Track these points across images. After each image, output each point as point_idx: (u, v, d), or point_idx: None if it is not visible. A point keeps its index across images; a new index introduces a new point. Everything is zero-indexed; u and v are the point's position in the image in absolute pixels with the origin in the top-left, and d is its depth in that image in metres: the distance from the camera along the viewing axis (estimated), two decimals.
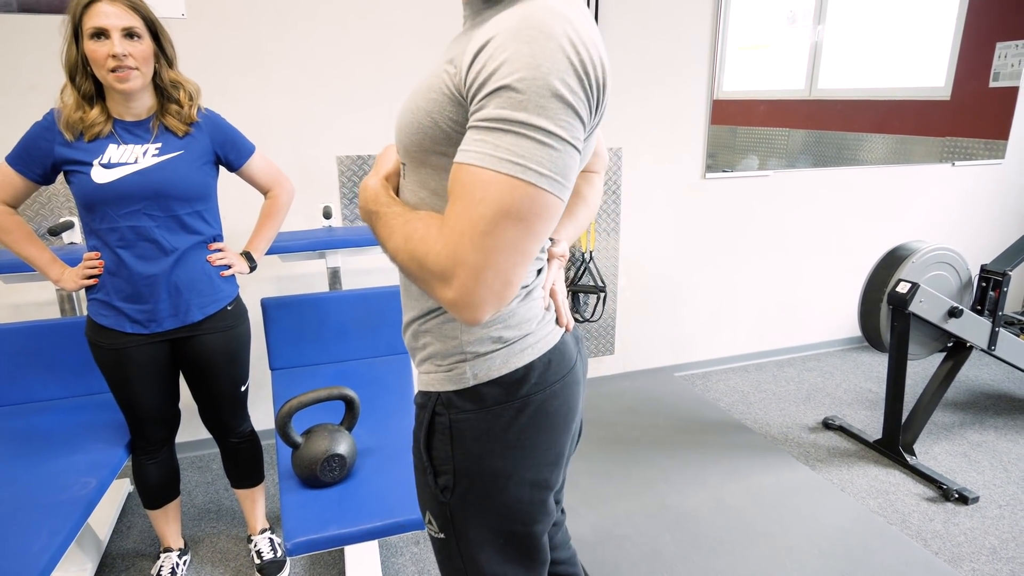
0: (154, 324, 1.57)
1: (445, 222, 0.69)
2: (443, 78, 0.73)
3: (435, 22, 2.46)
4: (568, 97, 0.66)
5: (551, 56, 0.65)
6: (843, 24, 3.10)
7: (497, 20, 0.69)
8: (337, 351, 2.26)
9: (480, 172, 0.66)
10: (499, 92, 0.65)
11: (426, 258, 0.70)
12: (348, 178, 2.51)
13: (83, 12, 1.37)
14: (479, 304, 0.68)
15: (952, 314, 2.42)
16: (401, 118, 0.81)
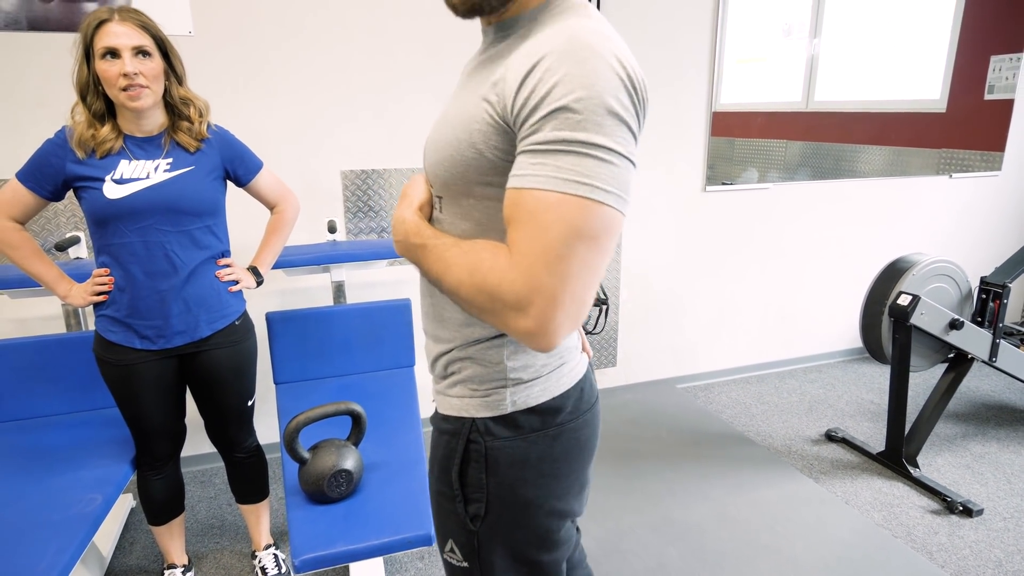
0: (163, 340, 1.58)
1: (515, 250, 0.67)
2: (484, 107, 0.73)
3: (441, 40, 2.48)
4: (622, 114, 0.66)
5: (603, 75, 0.65)
6: (839, 37, 3.13)
7: (536, 43, 0.69)
8: (341, 365, 2.26)
9: (545, 195, 0.65)
10: (555, 114, 0.65)
11: (499, 289, 0.68)
12: (352, 192, 2.52)
13: (94, 33, 1.39)
14: (556, 330, 0.67)
15: (953, 326, 2.43)
16: (438, 152, 0.79)
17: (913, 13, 3.28)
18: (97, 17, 1.40)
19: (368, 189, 2.54)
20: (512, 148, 0.72)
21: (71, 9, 2.08)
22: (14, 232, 1.53)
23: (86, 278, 1.81)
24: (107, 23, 1.39)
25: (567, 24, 0.70)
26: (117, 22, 1.40)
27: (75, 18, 2.09)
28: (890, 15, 3.24)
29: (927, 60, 3.40)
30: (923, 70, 3.41)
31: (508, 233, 0.69)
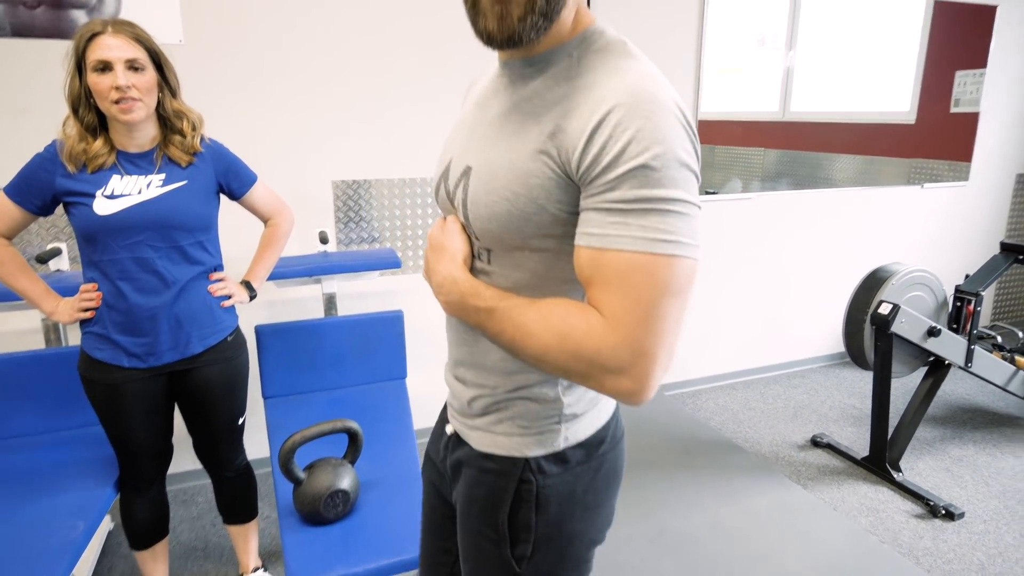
0: (152, 358, 1.53)
1: (609, 314, 0.66)
2: (543, 160, 0.71)
3: (433, 50, 2.47)
4: (691, 163, 0.67)
5: (672, 128, 0.65)
6: (813, 50, 3.21)
7: (594, 91, 0.68)
8: (332, 378, 2.22)
9: (634, 257, 0.64)
10: (633, 172, 0.64)
11: (599, 356, 0.66)
12: (344, 203, 2.49)
13: (87, 45, 1.35)
14: (654, 385, 0.67)
15: (931, 333, 2.50)
16: (490, 206, 0.75)
17: (883, 28, 3.38)
18: (90, 30, 1.36)
19: (359, 199, 2.51)
20: (574, 201, 0.71)
21: (57, 16, 2.02)
22: (3, 247, 1.47)
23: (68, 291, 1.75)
24: (100, 35, 1.35)
25: (621, 68, 0.70)
26: (110, 34, 1.35)
27: (61, 25, 2.02)
28: (861, 29, 3.33)
29: (897, 73, 3.51)
30: (893, 83, 3.52)
31: (594, 294, 0.68)
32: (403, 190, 2.57)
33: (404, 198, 2.58)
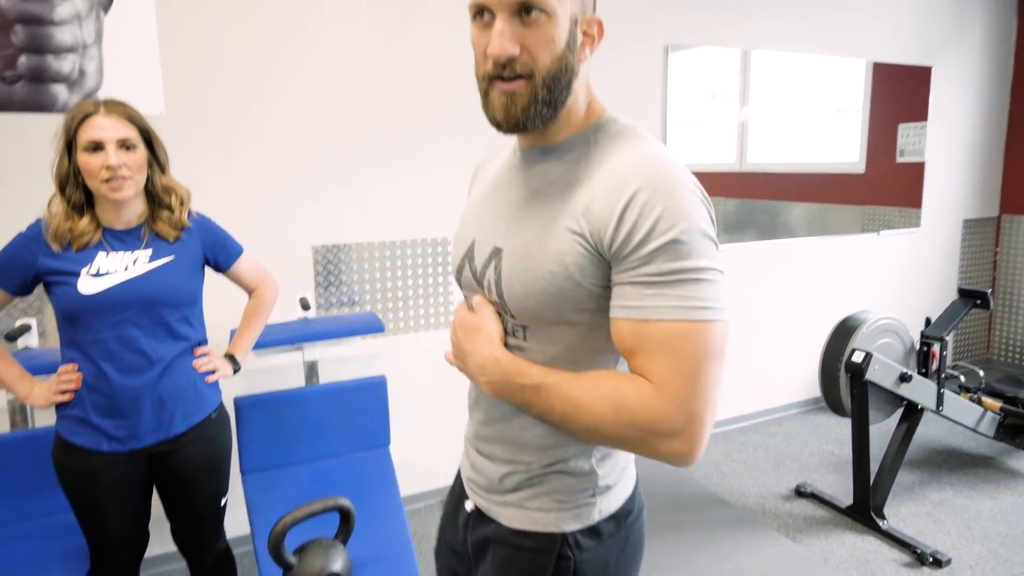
0: (134, 440, 1.46)
1: (659, 381, 0.70)
2: (575, 240, 0.75)
3: (411, 117, 2.52)
4: (711, 233, 0.73)
5: (693, 203, 0.72)
6: (765, 105, 3.38)
7: (617, 173, 0.74)
8: (314, 449, 2.16)
9: (675, 325, 0.69)
10: (665, 247, 0.70)
11: (653, 423, 0.70)
12: (324, 267, 2.46)
13: (79, 126, 1.34)
14: (703, 445, 0.71)
15: (903, 379, 2.57)
16: (527, 285, 0.79)
17: (828, 84, 3.60)
18: (82, 111, 1.35)
19: (339, 263, 2.49)
20: (606, 277, 0.76)
21: (37, 90, 2.00)
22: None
23: (38, 370, 1.68)
24: (92, 116, 1.35)
25: (637, 151, 0.76)
26: (103, 115, 1.35)
27: (41, 99, 2.00)
28: (809, 86, 3.53)
29: (845, 126, 3.73)
30: (842, 135, 3.74)
31: (639, 363, 0.72)
32: (383, 252, 2.57)
33: (384, 260, 2.58)
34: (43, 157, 1.99)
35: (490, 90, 0.78)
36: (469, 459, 0.96)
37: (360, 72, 2.42)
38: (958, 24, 3.90)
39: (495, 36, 0.74)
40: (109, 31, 2.09)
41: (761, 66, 3.32)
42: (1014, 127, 4.21)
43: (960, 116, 4.03)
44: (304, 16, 2.32)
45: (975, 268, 4.30)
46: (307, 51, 2.33)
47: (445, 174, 2.62)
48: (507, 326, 0.84)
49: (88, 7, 2.06)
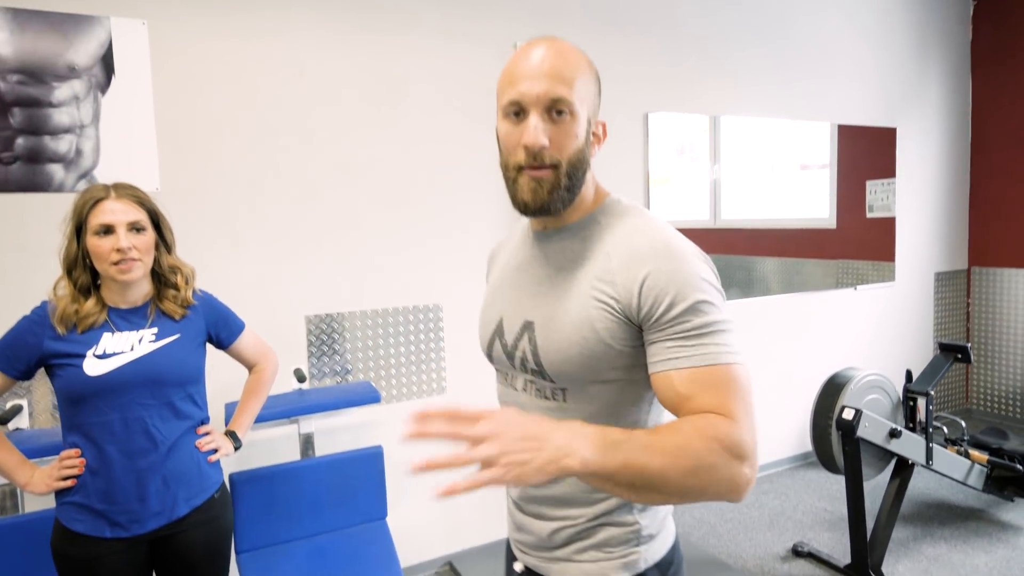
0: (136, 525, 1.43)
1: (728, 412, 0.78)
2: (602, 308, 0.87)
3: (402, 191, 2.58)
4: (719, 286, 0.87)
5: (700, 268, 0.85)
6: (736, 163, 3.52)
7: (631, 249, 0.87)
8: (310, 524, 2.11)
9: (723, 369, 0.80)
10: (692, 308, 0.82)
11: (742, 446, 0.76)
12: (317, 336, 2.47)
13: (90, 210, 1.36)
14: None
15: (893, 435, 2.61)
16: (563, 351, 0.88)
17: (797, 142, 3.76)
18: (93, 196, 1.38)
19: (332, 332, 2.50)
20: (633, 337, 0.87)
21: (32, 170, 2.02)
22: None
23: (32, 453, 1.65)
24: (103, 201, 1.37)
25: (642, 228, 0.89)
26: (114, 199, 1.38)
27: (37, 179, 2.03)
28: (777, 144, 3.68)
29: (815, 183, 3.88)
30: (812, 192, 3.88)
31: (699, 404, 0.79)
32: (375, 320, 2.59)
33: (377, 328, 2.59)
34: (38, 237, 2.02)
35: (519, 177, 0.89)
36: (515, 521, 1.02)
37: (352, 147, 2.49)
38: (918, 87, 4.14)
39: (531, 129, 0.85)
40: (106, 111, 2.13)
41: (730, 126, 3.47)
42: (976, 182, 4.42)
43: (926, 173, 4.22)
44: (297, 95, 2.39)
45: (949, 320, 4.43)
46: (299, 126, 2.40)
47: (437, 243, 2.68)
48: (546, 391, 0.93)
49: (86, 89, 2.11)
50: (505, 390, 1.02)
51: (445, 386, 2.73)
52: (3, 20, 1.98)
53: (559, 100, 0.85)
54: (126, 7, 2.13)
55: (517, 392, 0.98)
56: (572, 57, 0.88)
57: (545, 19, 2.84)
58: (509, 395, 1.00)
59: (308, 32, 2.40)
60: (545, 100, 0.85)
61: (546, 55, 0.87)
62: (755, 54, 3.47)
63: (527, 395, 0.96)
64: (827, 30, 3.71)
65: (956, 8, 4.28)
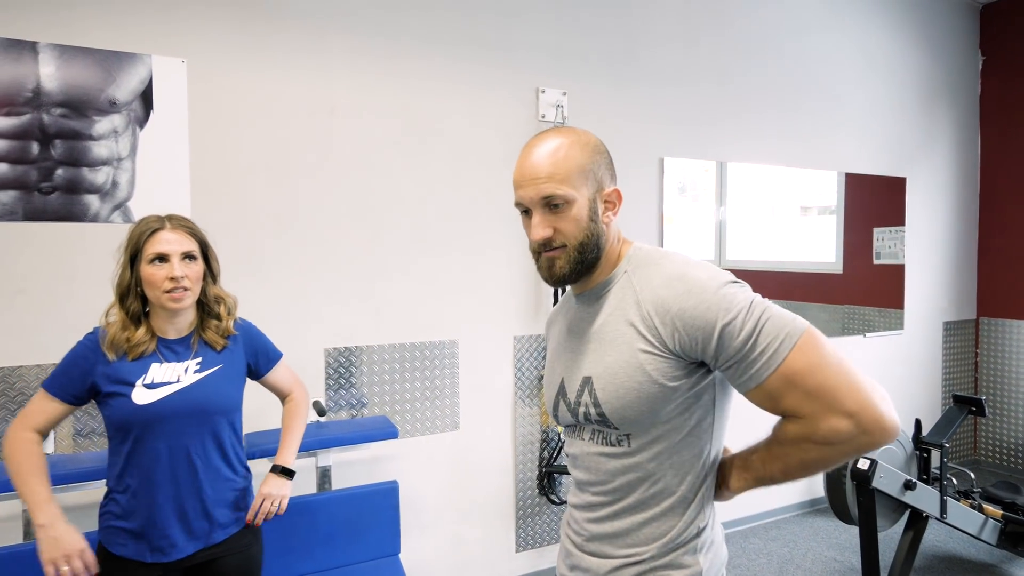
0: (175, 551, 1.46)
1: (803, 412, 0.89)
2: (650, 352, 0.96)
3: (424, 227, 2.64)
4: (731, 277, 0.97)
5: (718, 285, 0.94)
6: (741, 205, 3.57)
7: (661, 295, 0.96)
8: (323, 559, 2.11)
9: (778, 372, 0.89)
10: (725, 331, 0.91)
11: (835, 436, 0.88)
12: (335, 369, 2.50)
13: (146, 240, 1.42)
14: (884, 416, 0.87)
15: (907, 487, 2.60)
16: (621, 398, 0.97)
17: (803, 187, 3.82)
18: (150, 226, 1.44)
19: (351, 365, 2.53)
20: (679, 368, 0.96)
21: (70, 200, 2.08)
22: (31, 445, 1.43)
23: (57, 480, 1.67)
24: (159, 231, 1.43)
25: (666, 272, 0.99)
26: (169, 230, 1.44)
27: (74, 209, 2.08)
28: (783, 188, 3.74)
29: (821, 228, 3.93)
30: (819, 237, 3.93)
31: (782, 409, 0.92)
32: (392, 355, 2.61)
33: (394, 363, 2.62)
34: (72, 265, 2.07)
35: (539, 259, 1.04)
36: (570, 563, 1.10)
37: (376, 186, 2.55)
38: (928, 139, 4.22)
39: (534, 226, 1.02)
40: (143, 145, 2.20)
41: (736, 168, 3.52)
42: (985, 233, 4.47)
43: (935, 222, 4.28)
44: (326, 134, 2.47)
45: (958, 370, 4.43)
46: (326, 164, 2.47)
47: (455, 280, 2.72)
48: (611, 438, 1.02)
49: (125, 123, 2.18)
50: (575, 443, 1.10)
51: (459, 422, 2.75)
52: (51, 55, 2.06)
53: (551, 197, 0.99)
54: (167, 46, 2.22)
55: (585, 442, 1.06)
56: (564, 152, 1.00)
57: (567, 68, 2.93)
58: (578, 447, 1.08)
59: (340, 74, 2.48)
60: (538, 200, 1.00)
61: (538, 159, 1.00)
62: (768, 105, 3.55)
63: (595, 444, 1.04)
64: (840, 83, 3.81)
65: (965, 63, 4.39)
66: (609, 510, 1.03)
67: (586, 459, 1.06)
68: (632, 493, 1.01)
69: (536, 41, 2.86)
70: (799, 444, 0.92)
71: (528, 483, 2.89)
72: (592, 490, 1.05)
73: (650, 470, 1.00)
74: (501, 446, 2.85)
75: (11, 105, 2.01)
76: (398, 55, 2.58)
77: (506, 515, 2.86)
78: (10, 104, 2.01)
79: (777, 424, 0.97)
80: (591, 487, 1.06)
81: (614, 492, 1.02)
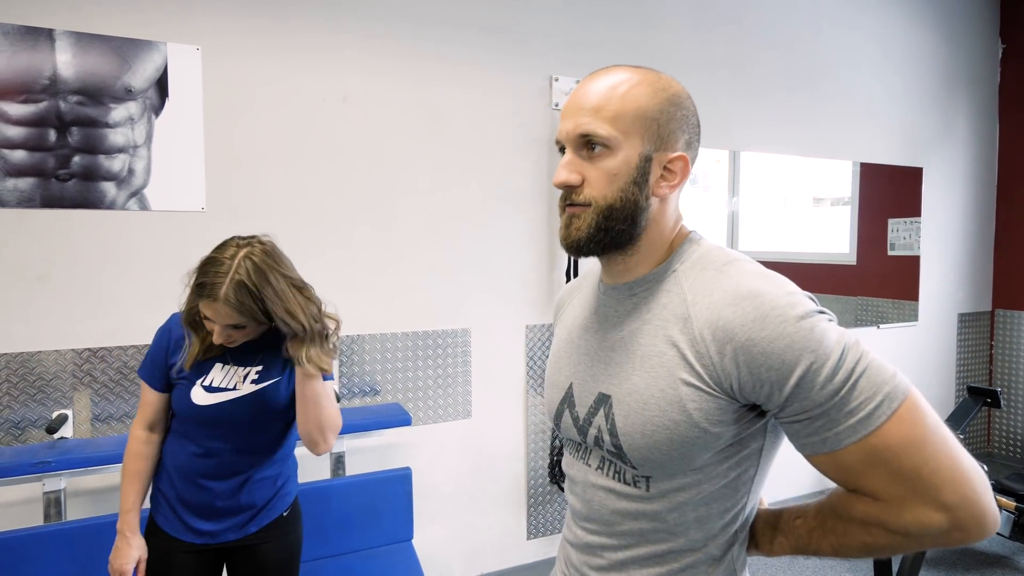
0: (208, 537, 1.49)
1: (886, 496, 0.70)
2: (695, 386, 0.75)
3: (438, 217, 2.64)
4: (822, 310, 0.74)
5: (797, 320, 0.71)
6: (754, 195, 3.55)
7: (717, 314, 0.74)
8: (337, 543, 2.14)
9: (864, 443, 0.69)
10: (804, 379, 0.69)
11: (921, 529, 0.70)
12: (348, 356, 2.51)
13: (199, 299, 1.36)
14: (987, 508, 0.69)
15: None
16: (650, 435, 0.77)
17: (817, 176, 3.79)
18: (207, 289, 1.34)
19: (363, 352, 2.54)
20: (730, 412, 0.75)
21: (87, 187, 2.10)
22: (136, 445, 1.49)
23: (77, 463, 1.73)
24: (212, 304, 1.34)
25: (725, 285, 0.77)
26: (222, 303, 1.33)
27: (90, 196, 2.10)
28: (797, 177, 3.71)
29: (835, 218, 3.90)
30: (833, 227, 3.89)
31: (859, 486, 0.72)
32: (405, 343, 2.63)
33: (407, 350, 2.63)
34: (90, 252, 2.09)
35: (562, 214, 0.83)
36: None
37: (390, 173, 2.56)
38: (946, 129, 4.17)
39: (560, 165, 0.81)
40: (159, 133, 2.21)
41: (749, 159, 3.50)
42: (1001, 224, 4.41)
43: (951, 213, 4.23)
44: (339, 121, 2.47)
45: (972, 362, 4.40)
46: (339, 151, 2.47)
47: (469, 269, 2.72)
48: (625, 475, 0.82)
49: (141, 111, 2.19)
50: (576, 465, 0.90)
51: (471, 410, 2.76)
52: (67, 43, 2.07)
53: (587, 135, 0.79)
54: (182, 33, 2.22)
55: (591, 470, 0.87)
56: (627, 88, 0.80)
57: (581, 56, 2.91)
58: (581, 472, 0.89)
59: (353, 61, 2.48)
60: (574, 136, 0.80)
61: (593, 87, 0.81)
62: (783, 94, 3.51)
63: (604, 476, 0.85)
64: (856, 73, 3.76)
65: (985, 51, 4.32)
66: (613, 557, 0.85)
67: (589, 491, 0.86)
68: (644, 544, 0.82)
69: (550, 29, 2.84)
70: (868, 528, 0.73)
71: (540, 471, 2.91)
72: (590, 528, 0.87)
73: (669, 522, 0.80)
74: (513, 434, 2.86)
75: (28, 92, 2.02)
76: (411, 42, 2.57)
77: (518, 502, 2.87)
78: (27, 91, 2.02)
79: (840, 495, 0.78)
80: (590, 524, 0.87)
81: (620, 537, 0.84)
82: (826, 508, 0.80)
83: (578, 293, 1.00)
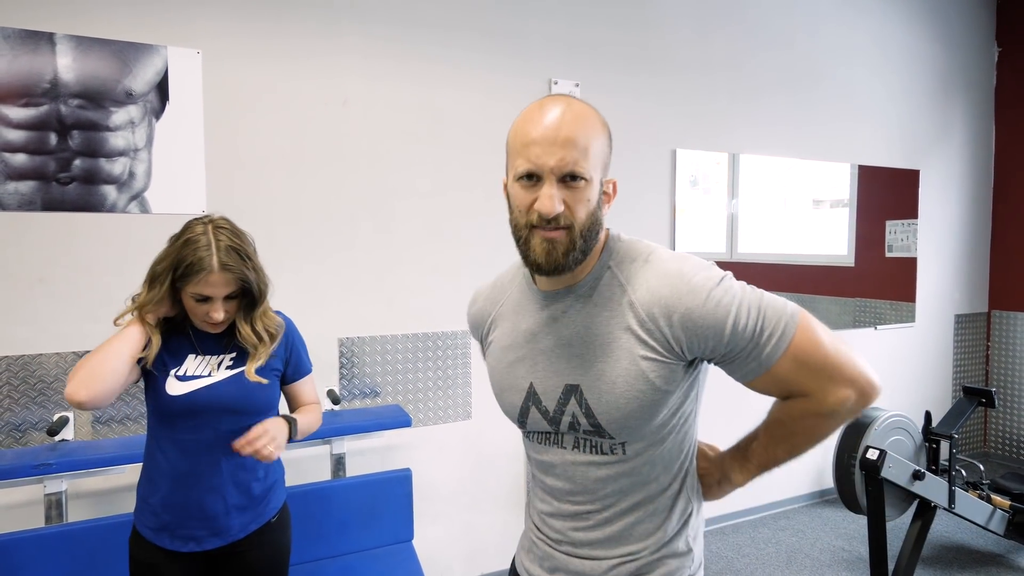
0: (194, 543, 1.46)
1: (810, 390, 0.92)
2: (651, 359, 0.91)
3: (438, 219, 2.65)
4: (720, 271, 0.93)
5: (714, 284, 0.90)
6: (753, 197, 3.56)
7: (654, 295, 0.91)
8: (337, 544, 2.15)
9: (786, 355, 0.90)
10: (738, 321, 0.89)
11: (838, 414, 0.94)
12: (348, 359, 2.52)
13: (193, 278, 1.36)
14: (873, 383, 0.93)
15: (916, 477, 2.61)
16: (624, 407, 0.92)
17: (816, 178, 3.80)
18: (201, 264, 1.35)
19: (364, 355, 2.55)
20: (681, 371, 0.93)
21: (88, 191, 2.10)
22: None
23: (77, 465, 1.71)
24: (209, 275, 1.35)
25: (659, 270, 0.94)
26: (218, 272, 1.35)
27: (91, 199, 2.11)
28: (795, 179, 3.72)
29: (833, 220, 3.91)
30: (830, 229, 3.91)
31: (791, 390, 0.93)
32: (406, 345, 2.64)
33: (407, 352, 2.64)
34: (90, 255, 2.10)
35: (531, 237, 0.91)
36: (550, 565, 1.04)
37: (390, 176, 2.57)
38: (942, 132, 4.19)
39: (545, 197, 0.88)
40: (159, 136, 2.22)
41: (748, 161, 3.51)
42: (998, 226, 4.44)
43: (947, 215, 4.26)
44: (339, 124, 2.48)
45: (969, 363, 4.42)
46: (340, 155, 2.48)
47: (468, 271, 2.73)
48: (603, 447, 0.96)
49: (142, 114, 2.20)
50: (551, 451, 1.01)
51: (471, 412, 2.77)
52: (68, 46, 2.08)
53: (574, 171, 0.87)
54: (183, 37, 2.23)
55: (567, 451, 0.99)
56: (586, 120, 0.90)
57: (580, 59, 2.93)
58: (555, 455, 1.01)
59: (353, 65, 2.49)
60: (559, 171, 0.87)
61: (561, 120, 0.88)
62: (782, 97, 3.54)
63: (581, 453, 0.98)
64: (854, 75, 3.79)
65: (981, 55, 4.35)
66: (599, 517, 0.99)
67: (568, 468, 0.99)
68: (625, 498, 0.98)
69: (549, 32, 2.86)
70: (805, 420, 0.95)
71: None
72: (575, 499, 1.00)
73: (644, 473, 0.97)
74: (513, 435, 2.85)
75: (29, 96, 2.03)
76: (411, 45, 2.59)
77: (518, 503, 2.88)
78: (28, 95, 2.03)
79: (777, 406, 0.99)
80: (573, 496, 1.00)
81: (604, 499, 0.98)
82: (772, 422, 1.01)
83: (504, 304, 1.09)
